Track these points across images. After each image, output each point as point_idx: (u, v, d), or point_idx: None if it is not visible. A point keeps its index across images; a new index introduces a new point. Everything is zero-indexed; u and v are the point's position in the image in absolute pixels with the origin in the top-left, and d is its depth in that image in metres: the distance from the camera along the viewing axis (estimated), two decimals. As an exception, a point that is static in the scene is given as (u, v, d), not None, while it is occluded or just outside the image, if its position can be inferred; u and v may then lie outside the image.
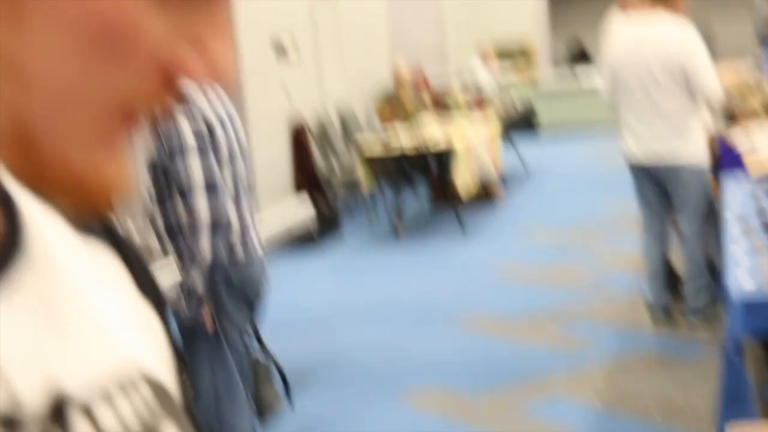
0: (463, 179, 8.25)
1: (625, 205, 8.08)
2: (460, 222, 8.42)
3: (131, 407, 0.51)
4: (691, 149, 4.99)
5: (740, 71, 8.74)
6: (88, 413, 0.48)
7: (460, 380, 4.83)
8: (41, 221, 0.52)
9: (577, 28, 16.66)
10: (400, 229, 8.63)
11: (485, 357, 5.16)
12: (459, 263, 7.34)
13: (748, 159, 4.70)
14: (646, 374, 4.67)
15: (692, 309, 5.23)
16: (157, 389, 0.54)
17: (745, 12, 14.74)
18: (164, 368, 0.57)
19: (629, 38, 5.07)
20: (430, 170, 8.79)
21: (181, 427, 0.54)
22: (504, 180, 10.18)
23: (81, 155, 0.45)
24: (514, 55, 16.00)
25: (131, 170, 0.47)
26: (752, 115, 5.78)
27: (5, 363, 0.45)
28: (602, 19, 6.26)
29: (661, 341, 5.15)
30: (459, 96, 11.02)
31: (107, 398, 0.50)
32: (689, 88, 4.89)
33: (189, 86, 0.46)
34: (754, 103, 6.67)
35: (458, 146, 8.18)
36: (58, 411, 0.46)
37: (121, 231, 0.61)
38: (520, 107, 11.40)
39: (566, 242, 7.67)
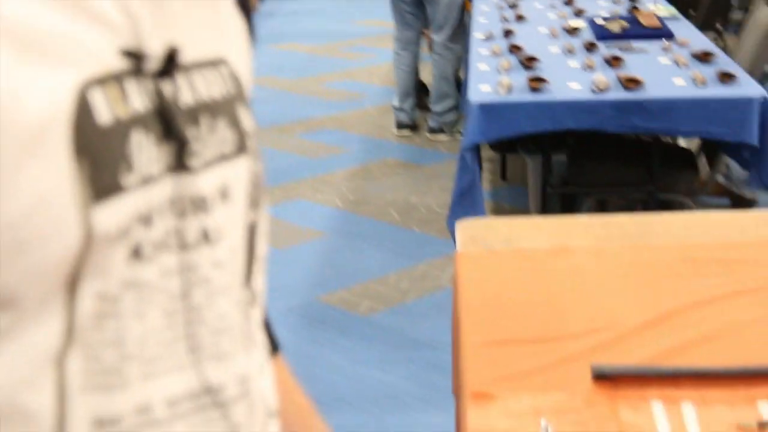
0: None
1: (381, 22, 8.18)
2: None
3: (217, 83, 0.65)
4: None
5: None
6: (187, 75, 0.62)
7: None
8: None
9: None
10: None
11: (234, 160, 5.18)
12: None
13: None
14: (387, 179, 4.86)
15: (438, 123, 5.44)
16: (235, 80, 0.68)
17: None
18: (243, 66, 0.71)
19: None
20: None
21: (249, 113, 0.69)
22: (261, -10, 9.99)
23: None
24: None
25: None
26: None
27: (144, 22, 0.58)
28: None
29: (405, 148, 5.35)
30: None
31: (202, 72, 0.64)
32: None
33: None
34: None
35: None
36: (169, 65, 0.60)
37: None
38: None
39: (319, 55, 7.70)
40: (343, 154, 5.31)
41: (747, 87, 2.98)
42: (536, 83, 2.94)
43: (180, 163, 0.60)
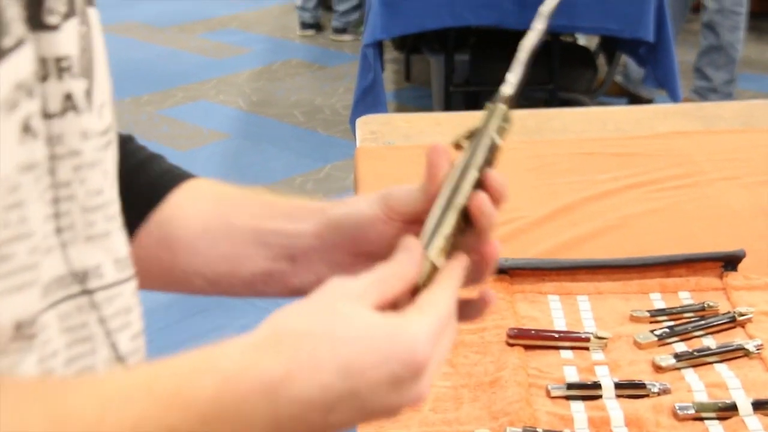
0: None
1: None
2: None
3: None
4: None
5: None
6: None
7: (105, 83, 4.70)
8: None
9: None
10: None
11: (132, 61, 5.04)
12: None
13: None
14: (292, 80, 4.79)
15: (342, 23, 5.37)
16: None
17: None
18: None
19: None
20: None
21: None
22: None
23: None
24: None
25: None
26: None
27: None
28: None
29: (309, 49, 5.27)
30: None
31: None
32: None
33: None
34: None
35: None
36: None
37: None
38: None
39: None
40: (246, 54, 5.20)
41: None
42: (438, -21, 2.91)
43: (38, 20, 0.53)
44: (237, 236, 0.72)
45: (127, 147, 0.76)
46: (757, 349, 1.03)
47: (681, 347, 1.07)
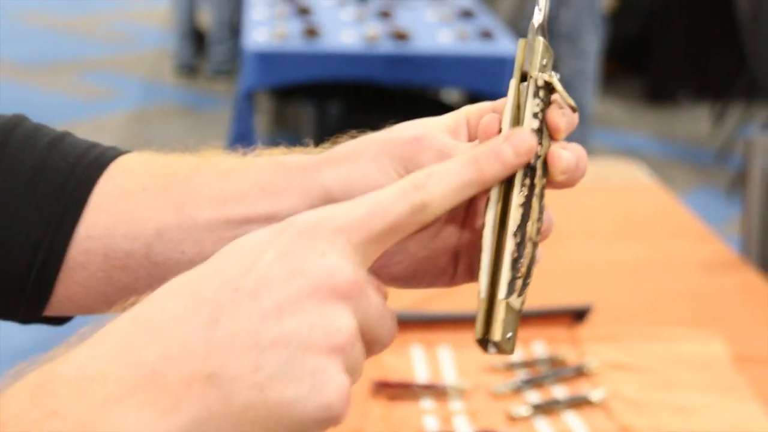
0: None
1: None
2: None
3: None
4: None
5: None
6: None
7: (-29, 125, 4.59)
8: None
9: None
10: None
11: (4, 102, 4.94)
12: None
13: None
14: (165, 123, 4.78)
15: (216, 68, 5.39)
16: None
17: None
18: None
19: None
20: None
21: None
22: None
23: None
24: None
25: None
26: None
27: None
28: None
29: (182, 93, 5.26)
30: None
31: None
32: None
33: None
34: None
35: None
36: None
37: None
38: None
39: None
40: (118, 97, 5.16)
41: (504, 44, 3.15)
42: (312, 33, 2.97)
43: None
44: (204, 236, 0.52)
45: (14, 135, 0.57)
46: (601, 399, 1.10)
47: (534, 396, 1.14)
